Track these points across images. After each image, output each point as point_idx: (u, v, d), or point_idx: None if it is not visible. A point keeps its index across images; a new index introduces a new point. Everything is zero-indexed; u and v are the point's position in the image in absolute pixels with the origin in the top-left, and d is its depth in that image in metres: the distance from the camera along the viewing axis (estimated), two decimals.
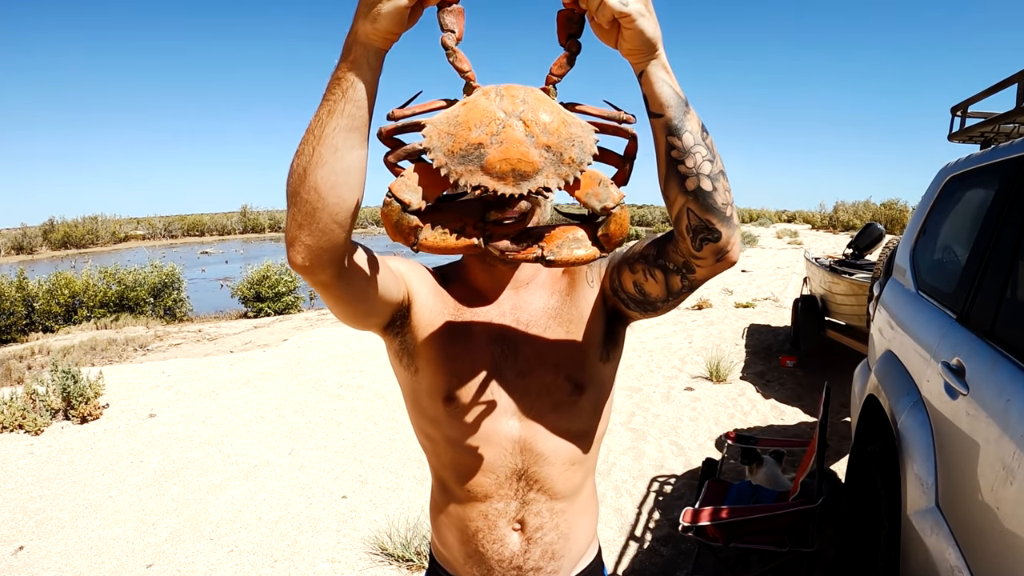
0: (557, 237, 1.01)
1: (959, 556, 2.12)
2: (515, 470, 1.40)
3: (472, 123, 0.93)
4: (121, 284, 15.45)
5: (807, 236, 32.09)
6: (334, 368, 8.60)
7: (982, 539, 2.00)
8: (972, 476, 2.13)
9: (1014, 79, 2.74)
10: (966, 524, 2.14)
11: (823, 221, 39.96)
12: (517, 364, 1.39)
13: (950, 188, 3.58)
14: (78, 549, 4.04)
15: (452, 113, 0.97)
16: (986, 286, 2.55)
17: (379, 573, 3.92)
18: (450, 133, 0.94)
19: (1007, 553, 1.82)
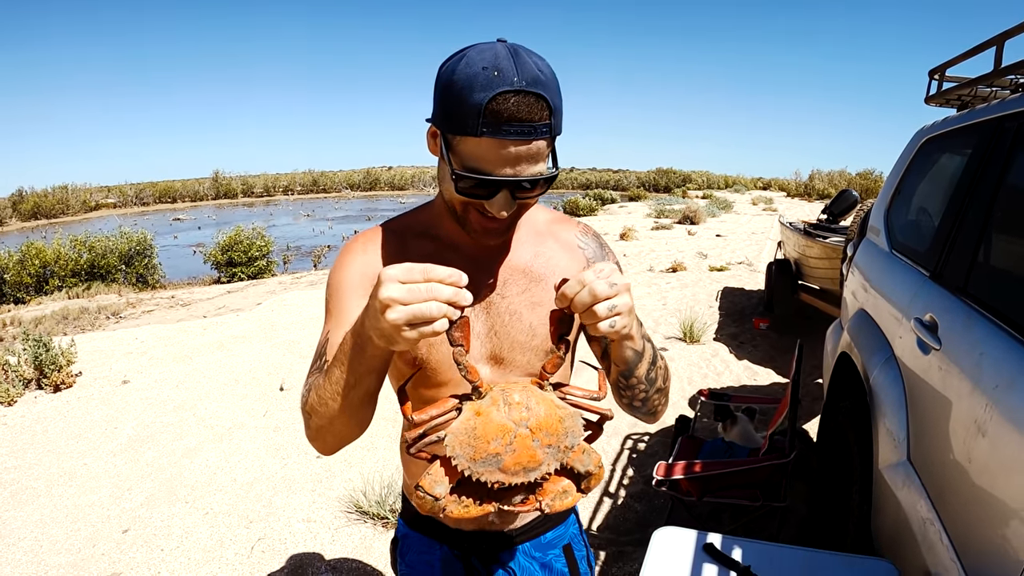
0: (550, 491, 1.18)
1: (930, 508, 2.15)
2: None
3: (489, 437, 1.10)
4: (92, 252, 15.29)
5: (782, 203, 32.38)
6: (308, 330, 8.59)
7: (953, 491, 2.03)
8: (944, 430, 2.16)
9: (992, 42, 2.75)
10: (937, 477, 2.17)
11: (798, 189, 40.28)
12: (489, 319, 1.42)
13: (926, 150, 3.62)
14: (54, 517, 4.04)
15: (470, 425, 1.12)
16: (960, 244, 2.58)
17: (354, 531, 3.95)
18: (471, 444, 1.10)
19: (978, 504, 1.85)
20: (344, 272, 1.39)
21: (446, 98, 1.18)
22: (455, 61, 1.18)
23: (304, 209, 44.23)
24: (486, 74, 1.12)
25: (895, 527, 2.42)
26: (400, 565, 1.73)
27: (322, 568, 3.62)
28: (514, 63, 1.14)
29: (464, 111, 1.14)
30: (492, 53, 1.15)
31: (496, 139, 1.15)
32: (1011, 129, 2.44)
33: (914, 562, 2.17)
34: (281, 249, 19.74)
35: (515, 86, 1.12)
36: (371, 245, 1.43)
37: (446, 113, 1.19)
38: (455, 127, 1.17)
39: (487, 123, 1.13)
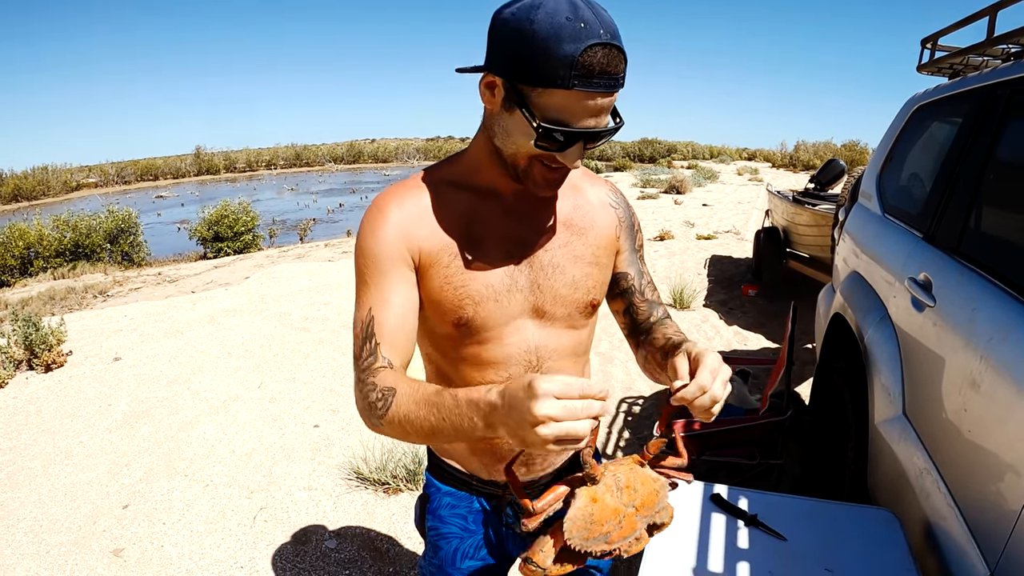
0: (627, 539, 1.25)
1: (927, 459, 2.22)
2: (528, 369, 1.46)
3: (603, 520, 1.18)
4: (76, 232, 15.19)
5: (767, 174, 32.62)
6: (298, 302, 8.62)
7: (949, 442, 2.10)
8: (938, 384, 2.23)
9: (985, 12, 2.80)
10: (933, 429, 2.24)
11: (784, 160, 40.45)
12: (532, 273, 1.42)
13: (918, 116, 3.68)
14: (52, 496, 4.05)
15: (587, 512, 1.18)
16: (953, 206, 2.65)
17: (356, 497, 4.00)
18: (587, 528, 1.17)
19: (974, 454, 1.92)
20: (379, 236, 1.32)
21: (524, 48, 1.15)
22: (526, 9, 1.14)
23: (288, 183, 44.05)
24: (572, 25, 1.11)
25: (892, 479, 2.48)
26: (429, 520, 1.73)
27: (326, 535, 3.66)
28: (594, 14, 1.13)
29: (552, 63, 1.12)
30: (568, 3, 1.13)
31: (586, 91, 1.14)
32: (1003, 96, 2.51)
33: (912, 511, 2.23)
34: (267, 223, 19.69)
35: (602, 39, 1.11)
36: (407, 201, 1.36)
37: (525, 64, 1.16)
38: (538, 79, 1.15)
39: (579, 76, 1.13)
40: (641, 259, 1.60)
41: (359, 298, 1.35)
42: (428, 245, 1.33)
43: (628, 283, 1.58)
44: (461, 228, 1.36)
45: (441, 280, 1.34)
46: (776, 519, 1.97)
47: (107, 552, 3.51)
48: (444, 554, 1.71)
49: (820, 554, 1.86)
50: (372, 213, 1.35)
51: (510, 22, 1.16)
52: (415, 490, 4.02)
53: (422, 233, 1.33)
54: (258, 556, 3.48)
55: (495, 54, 1.21)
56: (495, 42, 1.20)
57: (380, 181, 43.50)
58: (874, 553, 1.85)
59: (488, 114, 1.30)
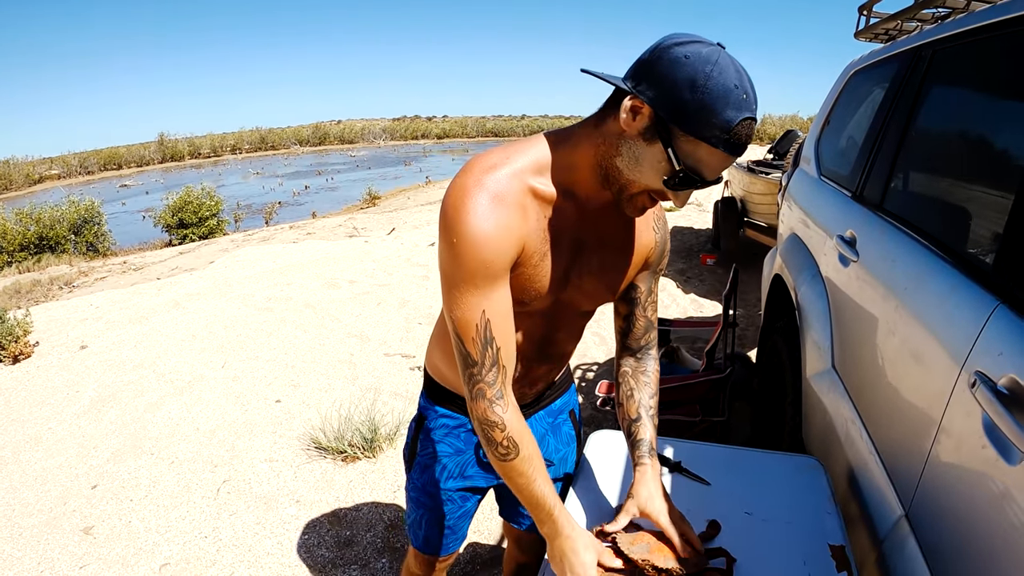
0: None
1: (852, 409, 2.32)
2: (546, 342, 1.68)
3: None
4: (39, 224, 15.05)
5: None
6: (262, 283, 8.66)
7: (870, 391, 2.20)
8: (862, 335, 2.34)
9: None
10: (857, 380, 2.34)
11: None
12: (579, 272, 1.54)
13: (853, 82, 3.77)
14: (23, 481, 4.10)
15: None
16: (878, 165, 2.74)
17: (315, 467, 4.11)
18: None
19: (890, 400, 2.01)
20: (484, 237, 1.30)
21: (691, 96, 1.19)
22: (702, 60, 1.18)
23: (253, 167, 43.72)
24: (737, 94, 1.18)
25: (822, 430, 2.58)
26: (422, 440, 1.89)
27: (286, 503, 3.76)
28: (751, 87, 1.21)
29: (712, 122, 1.19)
30: (735, 69, 1.19)
31: (726, 154, 1.23)
32: (926, 57, 2.57)
33: (838, 459, 2.33)
34: (232, 208, 19.60)
35: (753, 113, 1.21)
36: (510, 203, 1.34)
37: (687, 110, 1.20)
38: (692, 129, 1.21)
39: (728, 141, 1.21)
40: (656, 279, 1.75)
41: (466, 300, 1.35)
42: (524, 249, 1.39)
43: (635, 295, 1.73)
44: (546, 229, 1.42)
45: (519, 273, 1.42)
46: (702, 466, 1.99)
47: (77, 531, 3.58)
48: (432, 473, 1.88)
49: (742, 498, 1.87)
50: (476, 210, 1.30)
51: (683, 66, 1.19)
52: (372, 458, 4.16)
53: (520, 237, 1.37)
54: (221, 526, 3.58)
55: (655, 86, 1.23)
56: (659, 75, 1.22)
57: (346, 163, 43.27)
58: (796, 497, 1.88)
59: (616, 133, 1.31)
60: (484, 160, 1.37)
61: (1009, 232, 1.54)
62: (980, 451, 1.38)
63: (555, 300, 1.54)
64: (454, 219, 1.30)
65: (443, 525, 1.96)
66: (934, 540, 1.58)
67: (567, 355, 1.81)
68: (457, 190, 1.32)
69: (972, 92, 2.28)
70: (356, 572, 3.23)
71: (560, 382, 1.96)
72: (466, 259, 1.31)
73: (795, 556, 1.62)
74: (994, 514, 1.30)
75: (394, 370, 5.70)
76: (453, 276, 1.34)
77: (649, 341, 1.80)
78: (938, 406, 1.61)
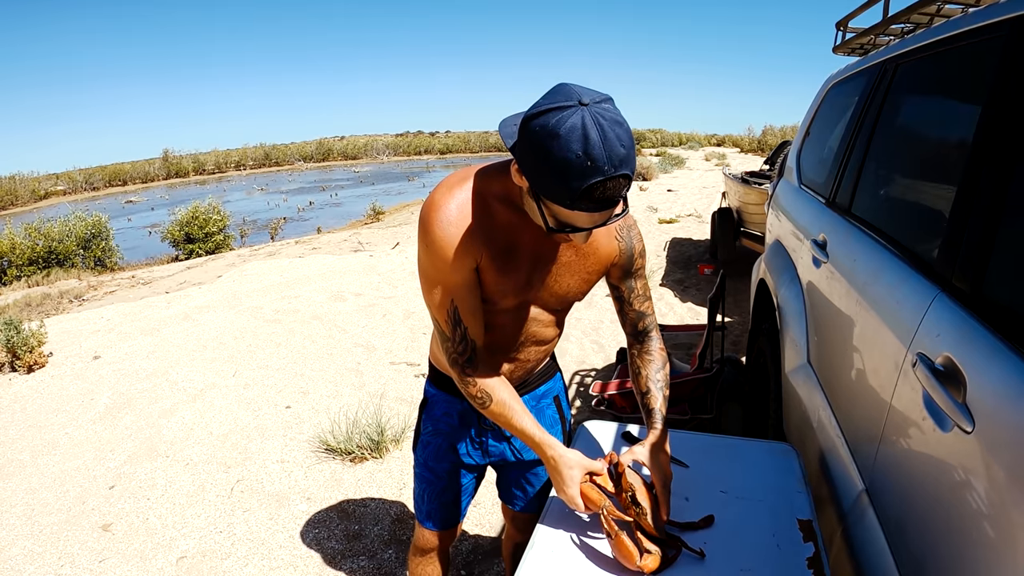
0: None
1: (823, 398, 2.48)
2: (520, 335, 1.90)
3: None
4: (48, 239, 15.09)
5: (735, 159, 32.67)
6: (270, 296, 8.82)
7: (837, 380, 2.37)
8: (831, 330, 2.52)
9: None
10: (827, 371, 2.51)
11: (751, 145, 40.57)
12: (543, 278, 1.78)
13: (831, 94, 3.93)
14: (42, 483, 4.23)
15: None
16: (848, 173, 2.91)
17: (325, 467, 4.29)
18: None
19: (852, 387, 2.18)
20: (450, 240, 1.57)
21: (539, 168, 1.33)
22: (546, 134, 1.28)
23: (257, 183, 43.69)
24: (580, 163, 1.25)
25: (799, 420, 2.73)
26: (426, 421, 2.18)
27: (297, 500, 3.93)
28: (603, 147, 1.25)
29: (560, 192, 1.31)
30: (581, 134, 1.24)
31: (589, 212, 1.35)
32: (890, 71, 2.73)
33: (812, 445, 2.48)
34: (237, 224, 19.69)
35: (606, 175, 1.27)
36: (470, 212, 1.59)
37: (540, 183, 1.35)
38: (549, 197, 1.35)
39: (582, 205, 1.32)
40: (637, 277, 1.96)
41: (437, 291, 1.66)
42: (486, 252, 1.63)
43: (620, 294, 1.97)
44: (506, 240, 1.66)
45: (487, 275, 1.68)
46: (682, 452, 2.09)
47: (96, 528, 3.73)
48: (432, 449, 2.17)
49: (718, 479, 2.00)
50: (444, 220, 1.57)
51: (534, 138, 1.31)
52: (379, 458, 4.34)
53: (482, 242, 1.61)
54: (235, 522, 3.75)
55: (521, 155, 1.39)
56: (522, 145, 1.37)
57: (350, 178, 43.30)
58: (770, 479, 2.00)
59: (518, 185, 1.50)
60: (453, 178, 1.65)
61: (949, 228, 1.71)
62: (921, 423, 1.54)
63: (523, 300, 1.80)
64: (427, 226, 1.58)
65: (443, 499, 2.21)
66: (889, 509, 1.73)
67: (546, 345, 2.01)
68: (430, 202, 1.60)
69: (926, 103, 2.44)
70: (364, 562, 3.40)
71: (544, 369, 2.18)
72: (436, 259, 1.60)
73: (765, 530, 1.77)
74: (936, 479, 1.45)
75: (399, 377, 5.85)
76: (427, 272, 1.66)
77: (647, 326, 2.02)
78: (889, 387, 1.77)
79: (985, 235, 1.52)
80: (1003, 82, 1.60)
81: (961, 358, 1.40)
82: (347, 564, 3.39)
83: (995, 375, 1.28)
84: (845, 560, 1.89)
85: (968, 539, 1.28)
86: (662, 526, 1.71)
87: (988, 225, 1.52)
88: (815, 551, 1.65)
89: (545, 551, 1.72)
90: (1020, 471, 1.13)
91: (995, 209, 1.51)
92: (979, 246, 1.53)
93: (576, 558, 1.70)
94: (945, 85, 2.24)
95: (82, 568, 3.41)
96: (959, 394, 1.36)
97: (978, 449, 1.26)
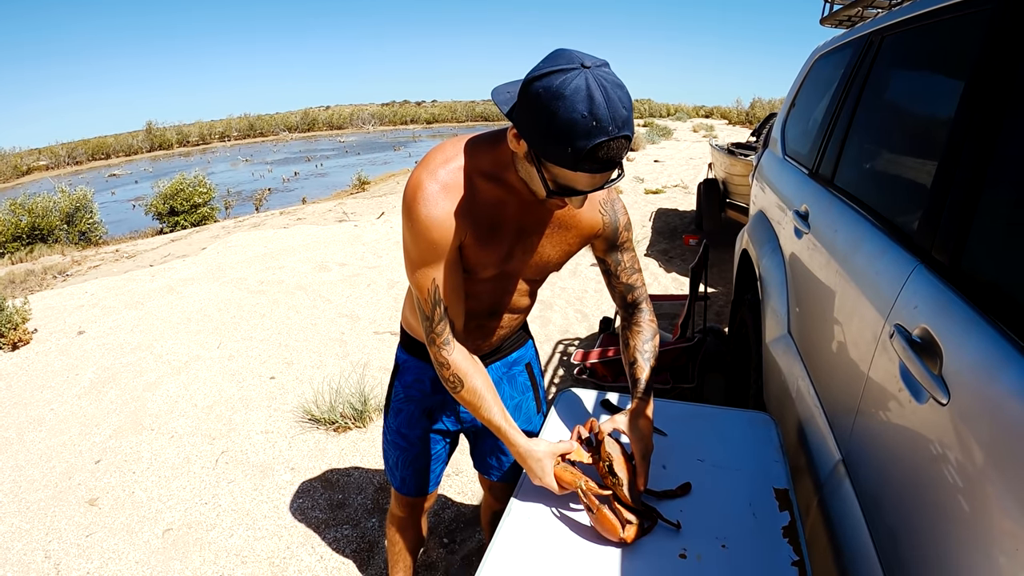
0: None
1: (803, 368, 2.50)
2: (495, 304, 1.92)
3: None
4: (32, 214, 14.97)
5: (723, 131, 32.57)
6: (254, 267, 8.79)
7: (816, 350, 2.39)
8: (811, 300, 2.53)
9: None
10: (807, 342, 2.52)
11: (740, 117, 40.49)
12: (524, 250, 1.78)
13: (818, 65, 3.92)
14: (28, 460, 4.23)
15: None
16: (831, 144, 2.91)
17: (309, 437, 4.31)
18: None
19: (830, 356, 2.20)
20: (434, 222, 1.55)
21: (543, 130, 1.33)
22: (551, 95, 1.29)
23: (242, 154, 43.39)
24: (585, 123, 1.27)
25: (779, 390, 2.74)
26: (397, 388, 2.19)
27: (282, 470, 3.96)
28: (607, 108, 1.27)
29: (564, 153, 1.32)
30: (586, 95, 1.26)
31: (592, 174, 1.36)
32: (876, 43, 2.73)
33: (790, 415, 2.50)
34: (222, 195, 19.58)
35: (611, 135, 1.29)
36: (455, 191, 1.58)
37: (544, 145, 1.35)
38: (552, 159, 1.36)
39: (585, 166, 1.33)
40: (624, 250, 1.98)
41: (420, 271, 1.64)
42: (469, 230, 1.63)
43: (608, 267, 2.01)
44: (490, 217, 1.65)
45: (469, 251, 1.68)
46: (661, 420, 2.10)
47: (83, 502, 3.74)
48: (404, 415, 2.18)
49: (696, 447, 2.02)
50: (428, 203, 1.55)
51: (537, 100, 1.32)
52: (363, 428, 4.37)
53: (466, 222, 1.60)
54: (220, 493, 3.77)
55: (522, 118, 1.39)
56: (523, 108, 1.38)
57: (335, 148, 43.05)
58: (747, 448, 2.02)
59: (514, 152, 1.52)
60: (438, 154, 1.62)
61: (929, 201, 1.71)
62: (898, 394, 1.55)
63: (501, 271, 1.79)
64: (411, 206, 1.56)
65: (417, 466, 2.25)
66: (865, 480, 1.74)
67: (519, 313, 2.03)
68: (413, 181, 1.57)
69: (911, 75, 2.43)
70: (348, 531, 3.43)
71: (516, 337, 2.20)
72: (419, 240, 1.59)
73: (741, 498, 1.78)
74: (911, 450, 1.47)
75: (383, 347, 5.86)
76: (410, 251, 1.64)
77: (636, 298, 2.05)
78: (867, 357, 1.78)
79: (965, 208, 1.52)
80: (988, 56, 1.60)
81: (938, 330, 1.41)
82: (331, 533, 3.42)
83: (971, 348, 1.29)
84: (821, 529, 1.91)
85: (942, 510, 1.29)
86: (638, 497, 1.73)
87: (968, 198, 1.52)
88: (791, 520, 1.67)
89: (521, 519, 1.74)
90: (994, 444, 1.15)
91: (976, 183, 1.51)
92: (959, 219, 1.53)
93: (553, 525, 1.72)
94: (931, 58, 2.23)
95: (69, 543, 3.42)
96: (935, 366, 1.37)
97: (953, 421, 1.28)
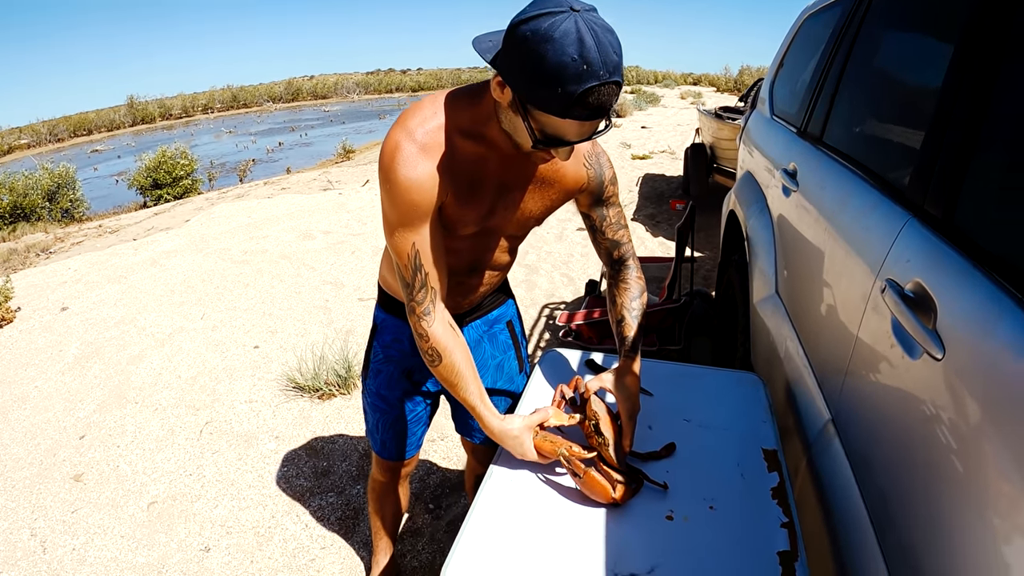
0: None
1: (791, 328, 2.47)
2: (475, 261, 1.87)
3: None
4: (13, 193, 14.83)
5: (711, 98, 32.54)
6: (238, 237, 8.73)
7: (805, 311, 2.35)
8: (799, 259, 2.49)
9: None
10: (796, 302, 2.50)
11: (728, 84, 40.48)
12: (505, 206, 1.72)
13: (806, 25, 3.87)
14: (13, 438, 4.20)
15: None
16: (820, 103, 2.87)
17: (293, 406, 4.29)
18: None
19: (818, 317, 2.17)
20: (413, 184, 1.50)
21: (530, 74, 1.28)
22: (540, 37, 1.25)
23: (226, 126, 43.16)
24: (575, 66, 1.23)
25: (767, 350, 2.73)
26: (376, 348, 2.14)
27: (266, 439, 3.94)
28: (598, 51, 1.23)
29: (554, 97, 1.27)
30: (576, 37, 1.22)
31: (581, 120, 1.32)
32: (866, 1, 2.67)
33: (779, 376, 2.48)
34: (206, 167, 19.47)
35: (602, 80, 1.25)
36: (435, 152, 1.52)
37: (532, 90, 1.31)
38: (541, 105, 1.31)
39: (575, 112, 1.29)
40: (609, 205, 1.92)
41: (399, 234, 1.58)
42: (450, 189, 1.57)
43: (593, 223, 1.95)
44: (470, 174, 1.59)
45: (449, 209, 1.62)
46: (647, 380, 2.06)
47: (68, 479, 3.71)
48: (383, 377, 2.14)
49: (683, 407, 1.99)
50: (405, 164, 1.49)
51: (524, 43, 1.28)
52: (347, 394, 4.35)
53: (446, 181, 1.54)
54: (205, 463, 3.75)
55: (506, 64, 1.35)
56: (508, 53, 1.33)
57: (320, 118, 42.87)
58: (735, 408, 2.00)
59: (497, 102, 1.47)
60: (415, 114, 1.54)
61: (922, 154, 1.67)
62: (889, 350, 1.52)
63: (482, 228, 1.73)
64: (388, 168, 1.50)
65: (397, 428, 2.21)
66: (855, 439, 1.72)
67: (500, 270, 1.99)
68: (390, 142, 1.51)
69: (901, 32, 2.39)
70: (333, 498, 3.42)
71: (497, 295, 2.16)
72: (398, 202, 1.53)
73: (729, 459, 1.76)
74: (904, 408, 1.43)
75: (368, 313, 5.81)
76: (388, 215, 1.58)
77: (623, 255, 1.99)
78: (857, 314, 1.75)
79: (959, 160, 1.48)
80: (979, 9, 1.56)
81: (932, 283, 1.38)
82: (316, 501, 3.41)
83: (967, 300, 1.25)
84: (810, 490, 1.89)
85: (935, 469, 1.26)
86: (623, 457, 1.69)
87: (962, 150, 1.48)
88: (780, 481, 1.65)
89: (502, 483, 1.71)
90: (990, 398, 1.11)
91: (970, 134, 1.47)
92: (952, 171, 1.49)
93: (535, 489, 1.69)
94: (921, 14, 2.18)
95: (55, 520, 3.39)
96: (929, 320, 1.33)
97: (947, 376, 1.24)
